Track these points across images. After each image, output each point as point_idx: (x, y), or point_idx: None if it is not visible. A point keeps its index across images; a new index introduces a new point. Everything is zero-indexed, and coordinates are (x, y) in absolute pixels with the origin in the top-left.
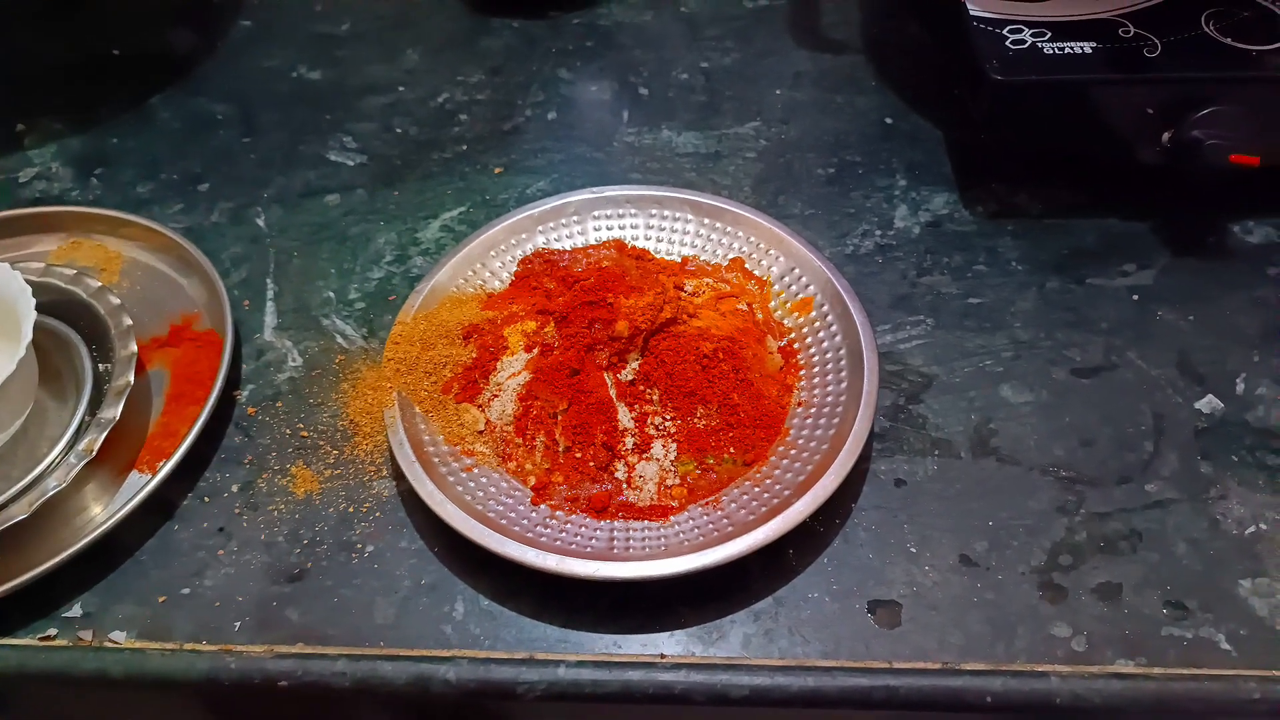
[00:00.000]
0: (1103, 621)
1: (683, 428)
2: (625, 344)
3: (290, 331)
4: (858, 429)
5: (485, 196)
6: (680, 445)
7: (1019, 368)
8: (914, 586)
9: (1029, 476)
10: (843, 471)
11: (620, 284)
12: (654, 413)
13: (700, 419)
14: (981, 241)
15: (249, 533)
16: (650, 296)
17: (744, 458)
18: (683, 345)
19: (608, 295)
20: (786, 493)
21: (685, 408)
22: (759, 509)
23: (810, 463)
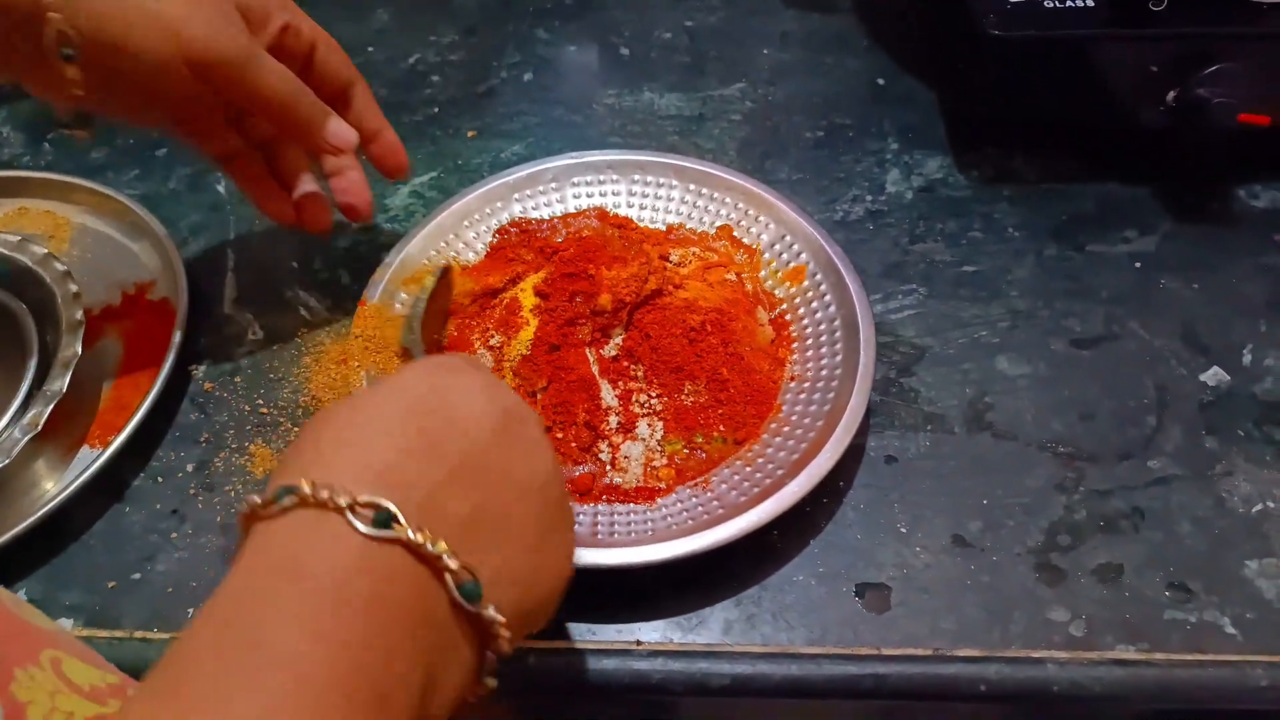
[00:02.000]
0: (1102, 605)
1: (670, 405)
2: (608, 318)
3: (251, 303)
4: (853, 405)
5: (458, 161)
6: (667, 424)
7: (1016, 338)
8: (904, 569)
9: (1026, 452)
10: (838, 450)
11: (602, 254)
12: (639, 390)
13: (688, 396)
14: (977, 207)
15: (204, 515)
16: (634, 267)
17: (734, 436)
18: (669, 318)
19: (589, 266)
20: (780, 472)
21: (672, 384)
22: (750, 489)
23: (804, 440)
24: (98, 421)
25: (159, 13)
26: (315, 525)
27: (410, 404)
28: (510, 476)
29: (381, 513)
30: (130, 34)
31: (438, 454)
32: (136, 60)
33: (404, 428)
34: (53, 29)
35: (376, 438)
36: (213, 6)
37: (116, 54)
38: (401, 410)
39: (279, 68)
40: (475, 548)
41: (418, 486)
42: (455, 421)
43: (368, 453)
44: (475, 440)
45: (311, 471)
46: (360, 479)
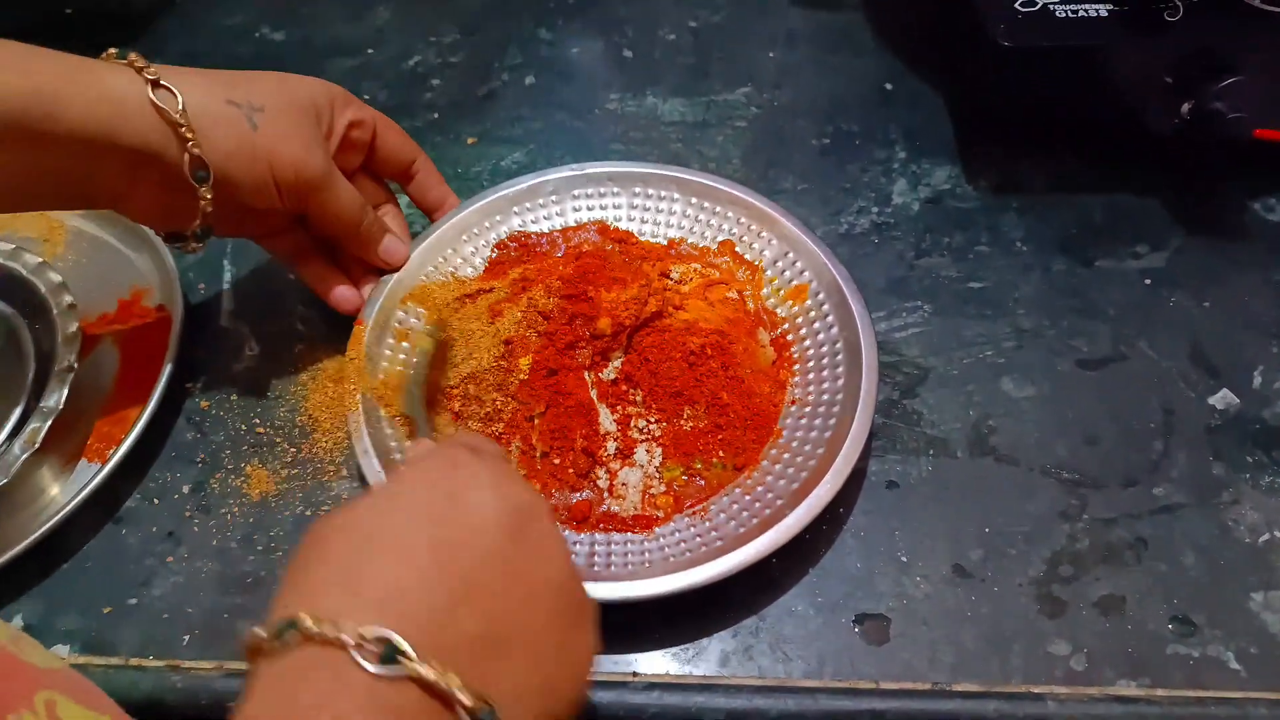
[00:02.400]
0: (1104, 638)
1: (669, 430)
2: (608, 341)
3: (248, 317)
4: (854, 433)
5: (457, 169)
6: (666, 450)
7: (1021, 358)
8: (904, 599)
9: (1029, 478)
10: (839, 480)
11: (601, 275)
12: (638, 414)
13: (687, 420)
14: (984, 219)
15: (200, 538)
16: (634, 289)
17: (734, 461)
18: (668, 341)
19: (588, 288)
20: (779, 502)
21: (671, 409)
22: (749, 520)
23: (805, 468)
24: (95, 434)
25: (256, 143)
26: (319, 665)
27: (418, 513)
28: (524, 580)
29: (389, 647)
30: (232, 163)
31: (448, 570)
32: (240, 183)
33: (412, 542)
34: (189, 155)
35: (382, 556)
36: (299, 134)
37: (225, 179)
38: (409, 522)
39: (348, 189)
40: (490, 668)
41: (427, 610)
42: (465, 528)
43: (373, 576)
44: (487, 548)
45: (315, 600)
46: (366, 608)
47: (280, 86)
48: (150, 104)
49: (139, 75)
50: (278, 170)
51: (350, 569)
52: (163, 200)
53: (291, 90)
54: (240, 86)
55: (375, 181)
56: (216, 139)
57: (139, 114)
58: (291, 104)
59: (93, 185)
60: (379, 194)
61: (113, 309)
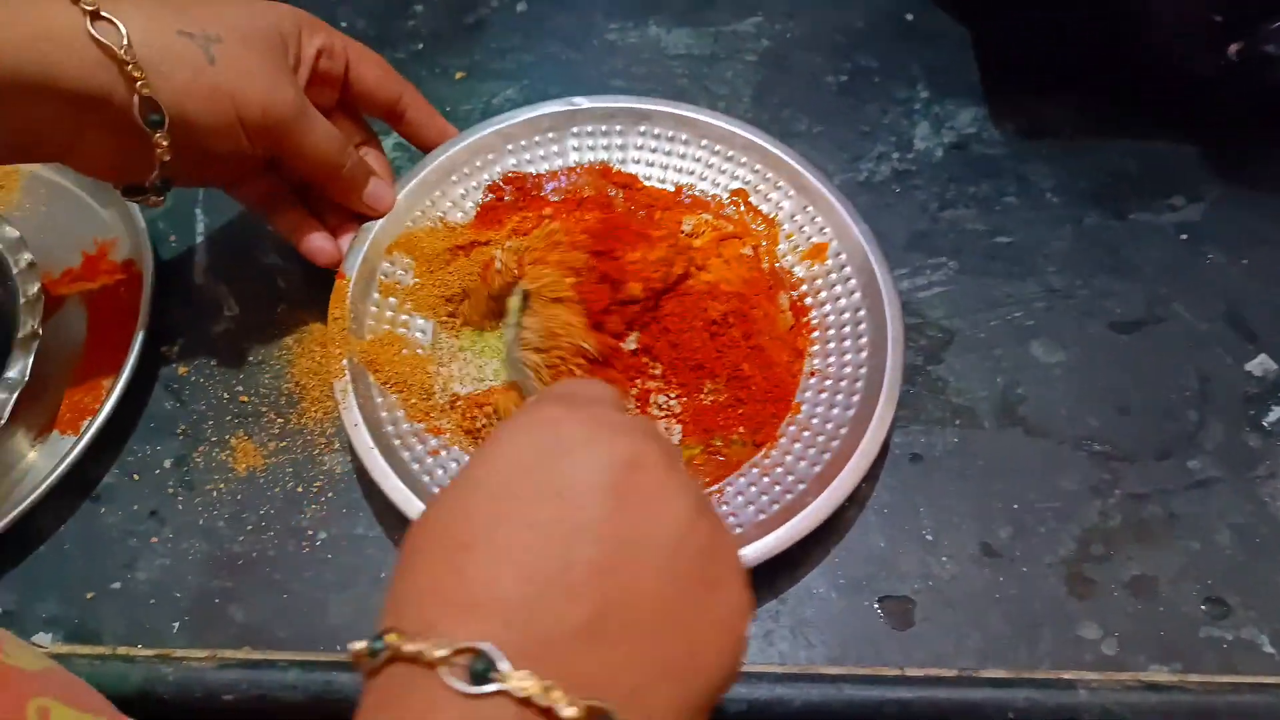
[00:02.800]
0: (1136, 620)
1: (688, 406)
2: (636, 309)
3: (224, 273)
4: (880, 412)
5: (445, 107)
6: (685, 426)
7: (1051, 321)
8: (929, 580)
9: (1059, 451)
10: (864, 463)
11: (625, 232)
12: (658, 389)
13: (708, 395)
14: (1012, 166)
15: (185, 517)
16: (661, 249)
17: (754, 437)
18: (689, 308)
19: (615, 246)
20: (801, 486)
21: (692, 383)
22: (770, 505)
23: (827, 449)
24: (66, 403)
25: (215, 79)
26: (412, 686)
27: (505, 495)
28: (637, 546)
29: (480, 661)
30: (190, 103)
31: (545, 555)
32: (199, 126)
33: (503, 531)
34: (139, 95)
35: (471, 553)
36: (263, 67)
37: (182, 121)
38: (496, 507)
39: (325, 127)
40: (603, 660)
41: (522, 607)
42: (560, 501)
43: (462, 578)
44: (588, 520)
45: (405, 611)
46: (457, 615)
47: (239, 12)
48: (90, 39)
49: (74, 5)
50: (242, 108)
51: (439, 573)
52: (114, 149)
53: (252, 16)
54: (193, 13)
55: (353, 119)
56: (169, 76)
57: (78, 51)
58: (253, 32)
59: (31, 136)
60: (358, 132)
61: (76, 264)
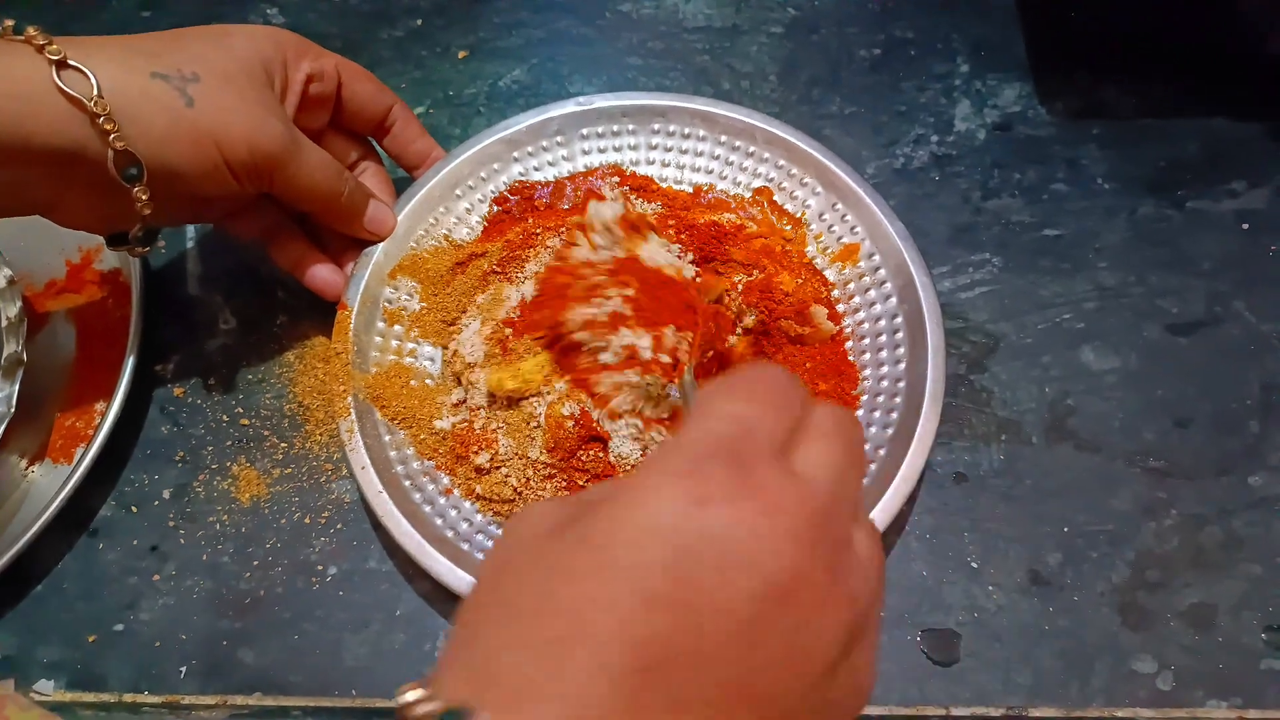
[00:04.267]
0: (1193, 653)
1: None
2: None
3: (219, 282)
4: (922, 429)
5: (448, 91)
6: None
7: (1104, 323)
8: (975, 611)
9: (1112, 467)
10: (906, 488)
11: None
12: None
13: None
14: (1061, 150)
15: (188, 551)
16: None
17: None
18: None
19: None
20: None
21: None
22: None
23: (866, 471)
24: (57, 430)
25: (195, 122)
26: None
27: (640, 586)
28: (763, 692)
29: None
30: (170, 150)
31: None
32: (182, 173)
33: (626, 631)
34: (113, 149)
35: (583, 650)
36: (246, 103)
37: (164, 169)
38: (628, 595)
39: (319, 158)
40: None
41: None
42: (697, 615)
43: (566, 679)
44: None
45: (488, 692)
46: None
47: (216, 46)
48: (58, 91)
49: (40, 55)
50: (228, 150)
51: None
52: (96, 204)
53: (231, 48)
54: (167, 53)
55: (347, 137)
56: (145, 124)
57: (47, 107)
58: (233, 66)
59: (6, 196)
60: (354, 149)
61: (61, 275)
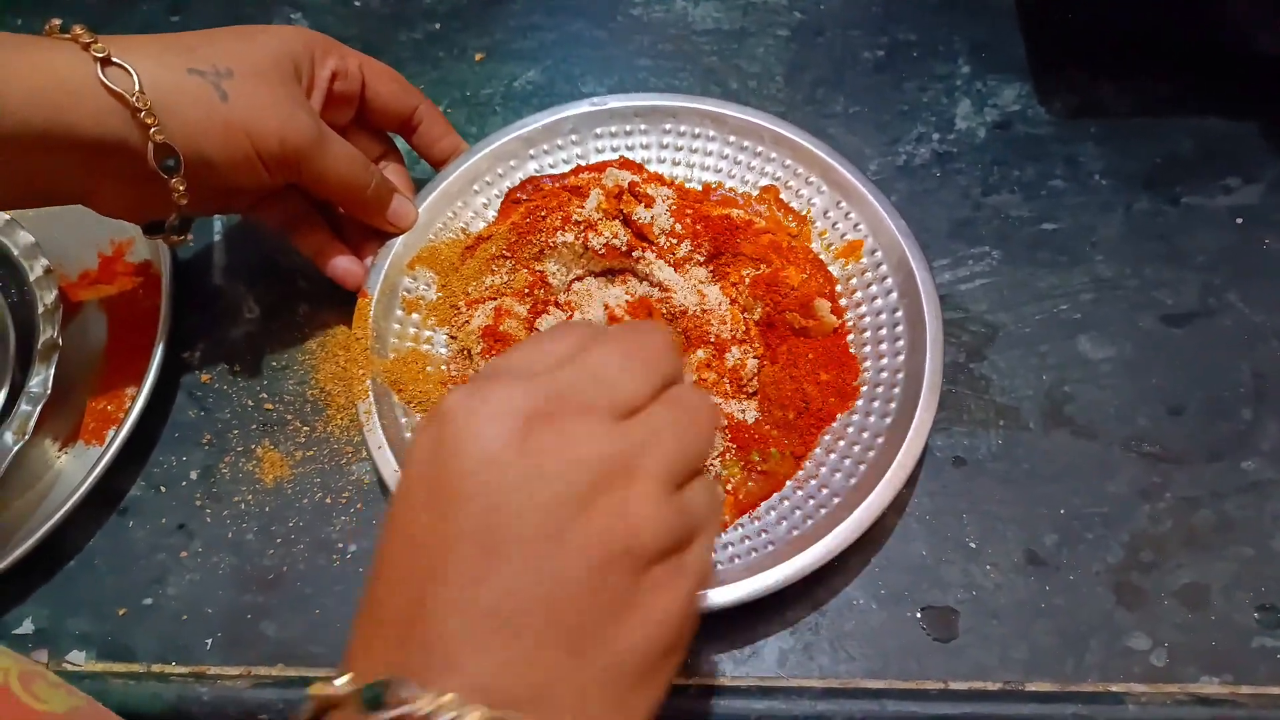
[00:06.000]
0: (1186, 630)
1: (730, 423)
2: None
3: (244, 273)
4: (919, 417)
5: (465, 91)
6: (726, 446)
7: (1100, 314)
8: (973, 590)
9: (1108, 453)
10: (902, 474)
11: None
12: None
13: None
14: (1059, 148)
15: (214, 530)
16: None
17: (794, 449)
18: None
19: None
20: (837, 499)
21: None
22: (804, 521)
23: (863, 459)
24: (89, 413)
25: (229, 116)
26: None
27: (411, 489)
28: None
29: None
30: (205, 142)
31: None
32: (216, 164)
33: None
34: (153, 142)
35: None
36: (277, 98)
37: (199, 160)
38: (408, 493)
39: (346, 151)
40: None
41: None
42: (441, 495)
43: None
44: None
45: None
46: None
47: (248, 43)
48: (102, 87)
49: (86, 52)
50: (259, 143)
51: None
52: (132, 193)
53: (261, 46)
54: (201, 50)
55: (371, 134)
56: (182, 118)
57: (91, 100)
58: (264, 62)
59: (47, 183)
60: (377, 146)
61: (94, 265)
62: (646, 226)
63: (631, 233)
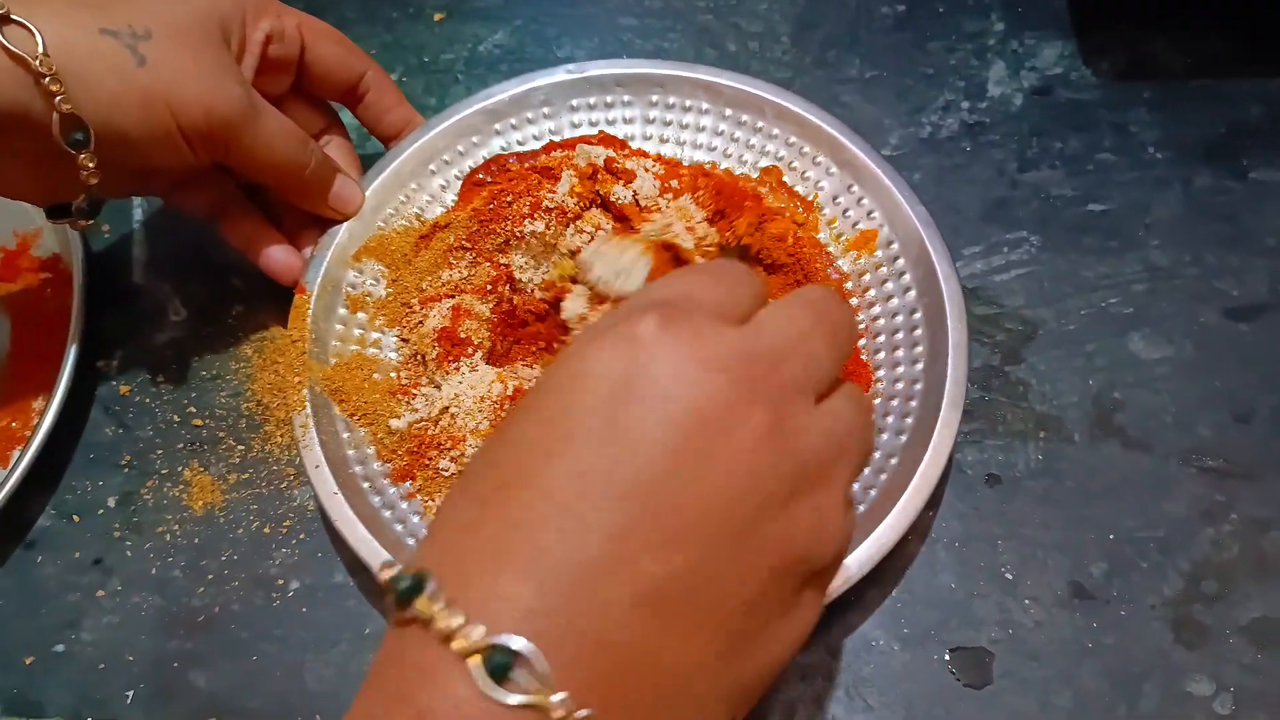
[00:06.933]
0: (1255, 673)
1: None
2: None
3: (168, 269)
4: (940, 432)
5: (423, 57)
6: None
7: (1155, 307)
8: (1010, 628)
9: (1165, 467)
10: (920, 498)
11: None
12: None
13: None
14: (1107, 115)
15: (135, 565)
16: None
17: None
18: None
19: None
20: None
21: None
22: None
23: (873, 483)
24: None
25: (147, 84)
26: (434, 667)
27: (567, 427)
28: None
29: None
30: (119, 114)
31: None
32: (131, 139)
33: (556, 465)
34: (59, 113)
35: (516, 489)
36: (202, 63)
37: (112, 134)
38: (555, 434)
39: (281, 125)
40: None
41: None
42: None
43: (506, 515)
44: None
45: (442, 543)
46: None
47: (169, 1)
48: (1, 49)
49: None
50: (181, 115)
51: (477, 511)
52: (34, 171)
53: (185, 3)
54: (116, 8)
55: (311, 105)
56: (93, 85)
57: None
58: (188, 22)
59: None
60: (318, 119)
61: None
62: (628, 208)
63: (613, 219)
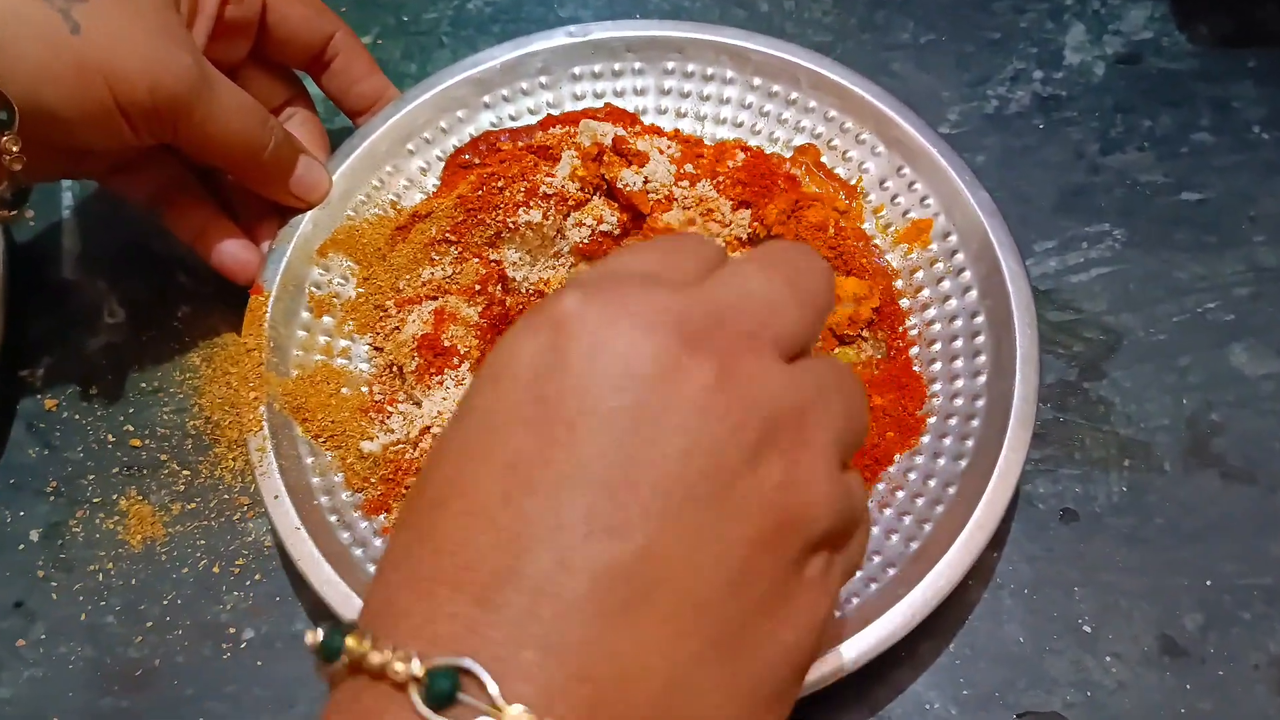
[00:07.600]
0: None
1: None
2: None
3: (104, 263)
4: (1005, 463)
5: (401, 15)
6: None
7: (1260, 314)
8: (1088, 689)
9: (1272, 502)
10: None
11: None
12: None
13: None
14: (1205, 89)
15: (62, 609)
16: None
17: None
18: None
19: None
20: (891, 571)
21: None
22: (848, 601)
23: (928, 516)
24: None
25: (81, 53)
26: (378, 706)
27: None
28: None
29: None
30: (47, 88)
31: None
32: (62, 118)
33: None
34: None
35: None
36: (145, 29)
37: (39, 112)
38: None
39: (236, 100)
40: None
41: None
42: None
43: (435, 538)
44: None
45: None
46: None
47: None
48: None
49: None
50: (120, 90)
51: (409, 539)
52: None
53: None
54: None
55: (272, 74)
56: (18, 55)
57: None
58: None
59: None
60: (280, 91)
61: None
62: (638, 196)
63: (620, 210)
